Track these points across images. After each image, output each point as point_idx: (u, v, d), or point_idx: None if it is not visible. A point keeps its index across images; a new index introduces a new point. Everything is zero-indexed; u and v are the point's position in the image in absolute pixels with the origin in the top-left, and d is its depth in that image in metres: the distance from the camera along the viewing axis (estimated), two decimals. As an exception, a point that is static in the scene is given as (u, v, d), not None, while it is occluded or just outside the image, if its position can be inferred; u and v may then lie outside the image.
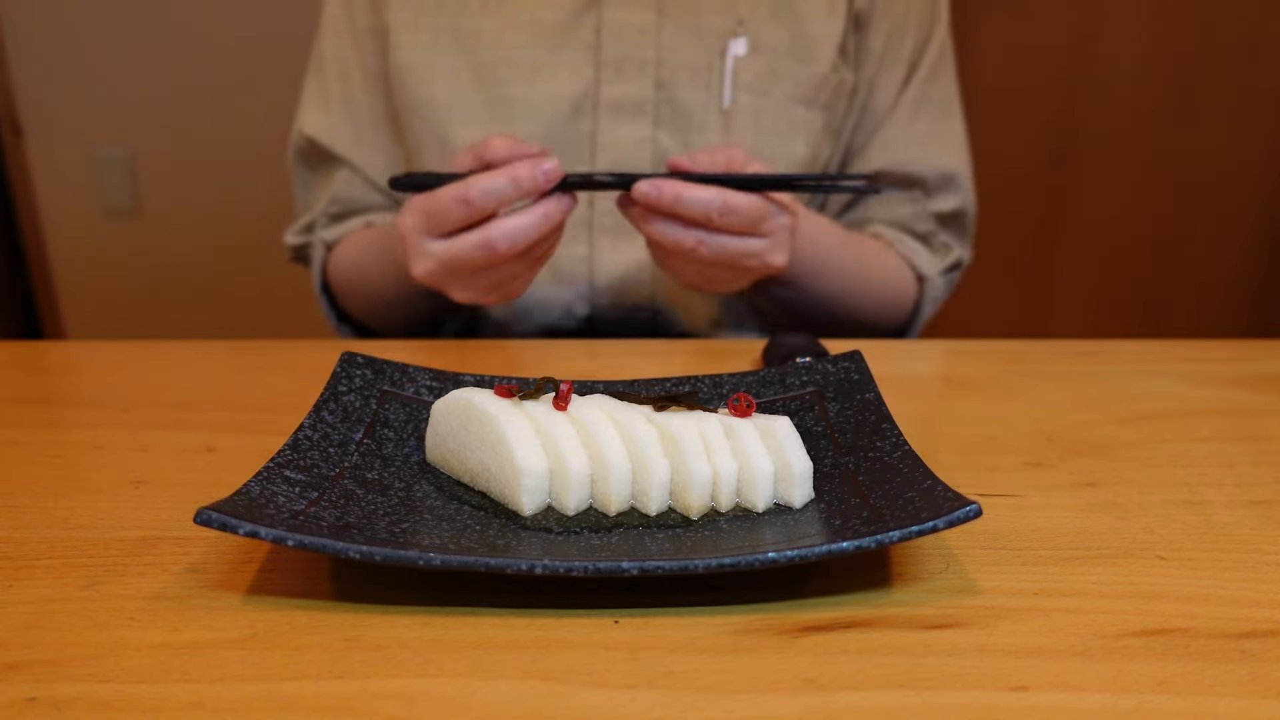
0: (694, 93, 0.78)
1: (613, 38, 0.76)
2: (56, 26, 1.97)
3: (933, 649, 0.33)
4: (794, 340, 0.60)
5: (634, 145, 0.78)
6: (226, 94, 1.99)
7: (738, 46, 0.77)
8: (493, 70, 0.77)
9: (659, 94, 0.77)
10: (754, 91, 0.78)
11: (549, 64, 0.77)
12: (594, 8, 0.77)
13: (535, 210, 0.59)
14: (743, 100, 0.78)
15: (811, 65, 0.78)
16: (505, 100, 0.77)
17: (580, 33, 0.77)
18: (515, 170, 0.58)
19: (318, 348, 0.64)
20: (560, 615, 0.35)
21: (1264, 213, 1.99)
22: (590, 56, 0.77)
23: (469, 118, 0.78)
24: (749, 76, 0.78)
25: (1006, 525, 0.42)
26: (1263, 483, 0.46)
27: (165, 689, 0.31)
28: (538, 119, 0.77)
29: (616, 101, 0.77)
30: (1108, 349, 0.66)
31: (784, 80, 0.78)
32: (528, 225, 0.59)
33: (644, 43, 0.77)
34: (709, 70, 0.77)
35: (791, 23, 0.78)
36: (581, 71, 0.77)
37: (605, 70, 0.77)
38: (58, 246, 2.12)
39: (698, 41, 0.77)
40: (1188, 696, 0.31)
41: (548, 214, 0.59)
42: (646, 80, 0.77)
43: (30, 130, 2.04)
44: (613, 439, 0.41)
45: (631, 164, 0.78)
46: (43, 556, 0.39)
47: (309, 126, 0.85)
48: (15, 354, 0.65)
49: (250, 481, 0.38)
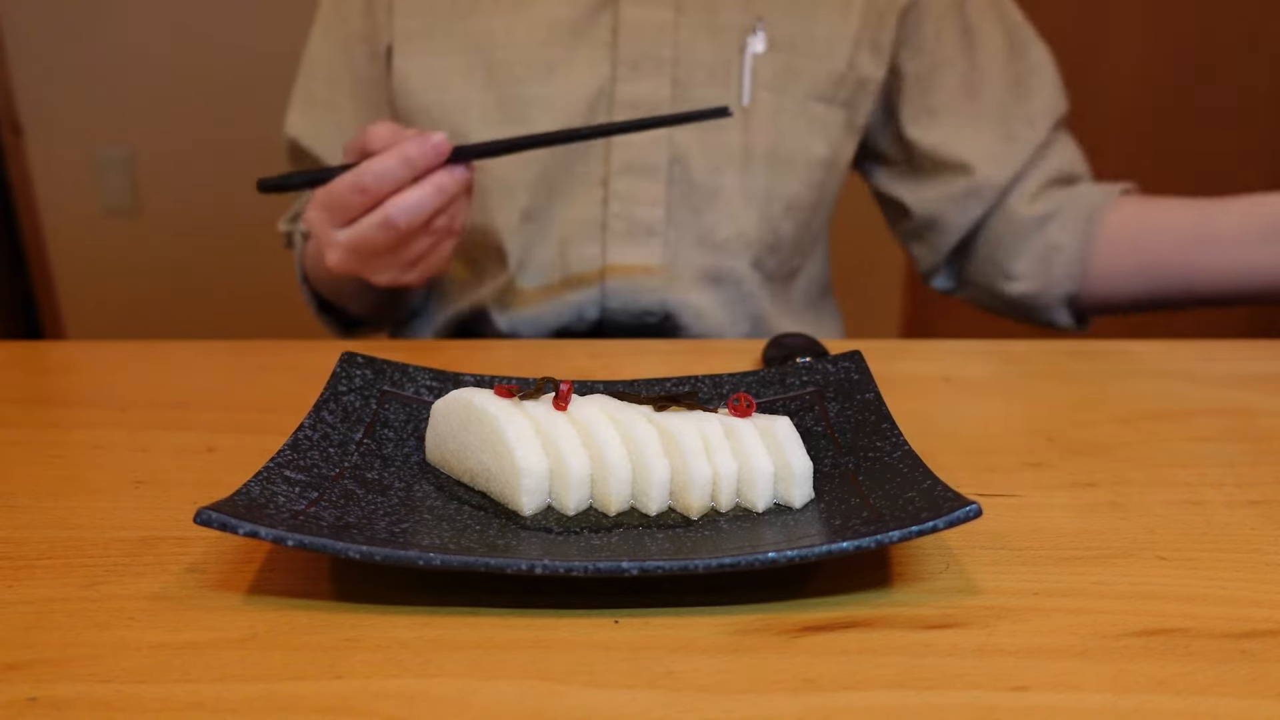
0: (711, 90, 0.77)
1: (630, 35, 0.76)
2: (56, 26, 1.97)
3: (933, 649, 0.33)
4: (794, 340, 0.60)
5: (650, 144, 0.77)
6: (227, 94, 1.99)
7: (756, 43, 0.77)
8: (507, 70, 0.77)
9: (676, 92, 0.77)
10: (773, 89, 0.77)
11: (565, 62, 0.76)
12: (611, 5, 0.76)
13: (429, 182, 0.60)
14: (761, 98, 0.77)
15: (829, 62, 0.78)
16: (520, 100, 0.77)
17: (596, 30, 0.76)
18: (404, 149, 0.59)
19: (318, 348, 0.64)
20: (560, 615, 0.35)
21: (1264, 213, 1.99)
22: (606, 54, 0.76)
23: (483, 118, 0.77)
24: (767, 74, 0.77)
25: (1006, 525, 0.42)
26: (1263, 483, 0.46)
27: (165, 689, 0.31)
28: (553, 118, 0.77)
29: (633, 100, 0.77)
30: (1108, 349, 0.65)
31: (802, 77, 0.78)
32: (423, 198, 0.60)
33: (661, 40, 0.76)
34: (727, 68, 0.77)
35: (808, 18, 0.78)
36: (598, 69, 0.76)
37: (621, 68, 0.76)
38: (58, 246, 2.12)
39: (715, 39, 0.77)
40: (1188, 696, 0.31)
41: (440, 185, 0.60)
42: (663, 79, 0.76)
43: (30, 130, 2.04)
44: (613, 439, 0.41)
45: (647, 163, 0.77)
46: (43, 556, 0.39)
47: (293, 128, 0.84)
48: (15, 354, 0.65)
49: (250, 481, 0.38)
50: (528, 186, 0.78)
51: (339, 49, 0.82)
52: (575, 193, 0.78)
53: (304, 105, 0.84)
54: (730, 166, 0.78)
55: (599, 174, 0.78)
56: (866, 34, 0.79)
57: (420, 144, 0.59)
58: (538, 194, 0.78)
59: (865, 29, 0.79)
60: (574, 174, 0.78)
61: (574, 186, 0.78)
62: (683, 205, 0.78)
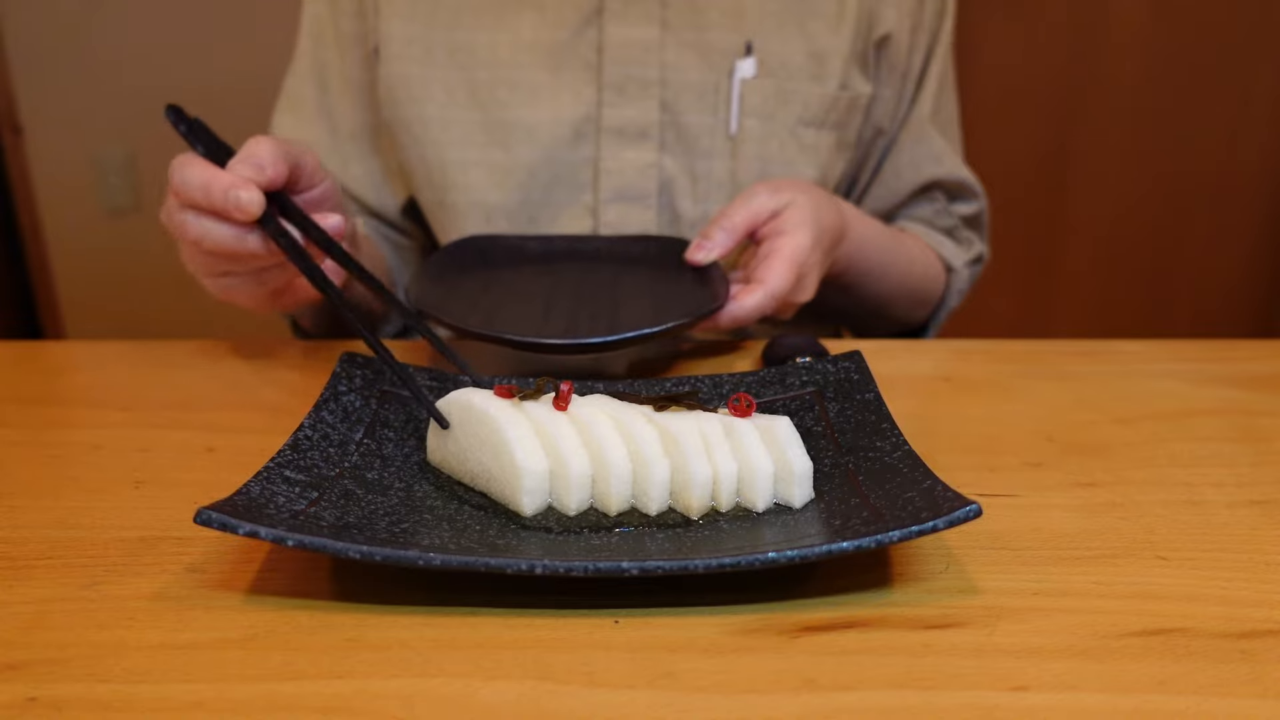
0: (700, 116, 0.76)
1: (615, 56, 0.74)
2: (56, 26, 1.97)
3: (933, 649, 0.33)
4: (794, 340, 0.60)
5: (638, 171, 0.76)
6: (227, 94, 1.99)
7: (745, 69, 0.75)
8: (490, 91, 0.75)
9: (664, 117, 0.76)
10: (761, 116, 0.76)
11: (549, 86, 0.75)
12: (595, 23, 0.75)
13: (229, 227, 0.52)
14: (750, 125, 0.76)
15: (821, 84, 0.76)
16: (504, 123, 0.75)
17: (581, 51, 0.75)
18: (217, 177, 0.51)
19: (318, 348, 0.64)
20: (560, 615, 0.35)
21: (1264, 213, 1.99)
22: (591, 77, 0.75)
23: (465, 140, 0.76)
24: (757, 100, 0.76)
25: (1006, 525, 0.42)
26: (1263, 483, 0.46)
27: (165, 689, 0.31)
28: (538, 144, 0.75)
29: (620, 126, 0.75)
30: (1108, 349, 0.65)
31: (793, 102, 0.76)
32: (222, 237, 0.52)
33: (647, 61, 0.75)
34: (715, 92, 0.76)
35: (799, 36, 0.76)
36: (583, 93, 0.75)
37: (607, 92, 0.75)
38: (58, 246, 2.12)
39: (703, 60, 0.75)
40: (1188, 696, 0.31)
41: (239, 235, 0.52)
42: (651, 102, 0.75)
43: (30, 130, 2.04)
44: (613, 439, 0.41)
45: (637, 190, 0.76)
46: (43, 556, 0.39)
47: (280, 131, 0.82)
48: (15, 354, 0.65)
49: (250, 481, 0.38)
50: (508, 213, 0.77)
51: (332, 52, 0.80)
52: (561, 221, 0.77)
53: (294, 108, 0.82)
54: (718, 194, 0.77)
55: (588, 202, 0.77)
56: (858, 49, 0.78)
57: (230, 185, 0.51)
58: (517, 220, 0.77)
59: (857, 43, 0.78)
60: (558, 202, 0.77)
61: (559, 214, 0.77)
62: (671, 233, 0.78)
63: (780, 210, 0.65)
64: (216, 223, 0.52)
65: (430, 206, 0.79)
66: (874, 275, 0.76)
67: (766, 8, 0.75)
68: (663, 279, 0.66)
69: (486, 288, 0.64)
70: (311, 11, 0.81)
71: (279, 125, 0.82)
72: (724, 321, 0.61)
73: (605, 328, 0.57)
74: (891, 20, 0.78)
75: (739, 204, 0.65)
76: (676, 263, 0.67)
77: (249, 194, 0.50)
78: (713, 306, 0.59)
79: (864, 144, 0.83)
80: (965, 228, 0.86)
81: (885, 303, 0.81)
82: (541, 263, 0.70)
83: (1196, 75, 1.88)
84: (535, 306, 0.61)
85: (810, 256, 0.64)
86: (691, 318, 0.58)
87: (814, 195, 0.67)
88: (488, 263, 0.69)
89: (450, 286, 0.64)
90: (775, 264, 0.62)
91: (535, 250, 0.71)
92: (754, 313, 0.61)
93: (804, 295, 0.65)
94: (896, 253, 0.78)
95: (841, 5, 0.76)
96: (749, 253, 0.67)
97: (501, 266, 0.69)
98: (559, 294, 0.64)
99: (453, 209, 0.77)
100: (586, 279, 0.67)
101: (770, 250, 0.63)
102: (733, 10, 0.75)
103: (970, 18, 1.76)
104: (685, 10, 0.75)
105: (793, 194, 0.65)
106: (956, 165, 0.84)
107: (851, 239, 0.71)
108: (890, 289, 0.79)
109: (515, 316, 0.60)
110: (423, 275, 0.64)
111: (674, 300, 0.62)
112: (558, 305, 0.61)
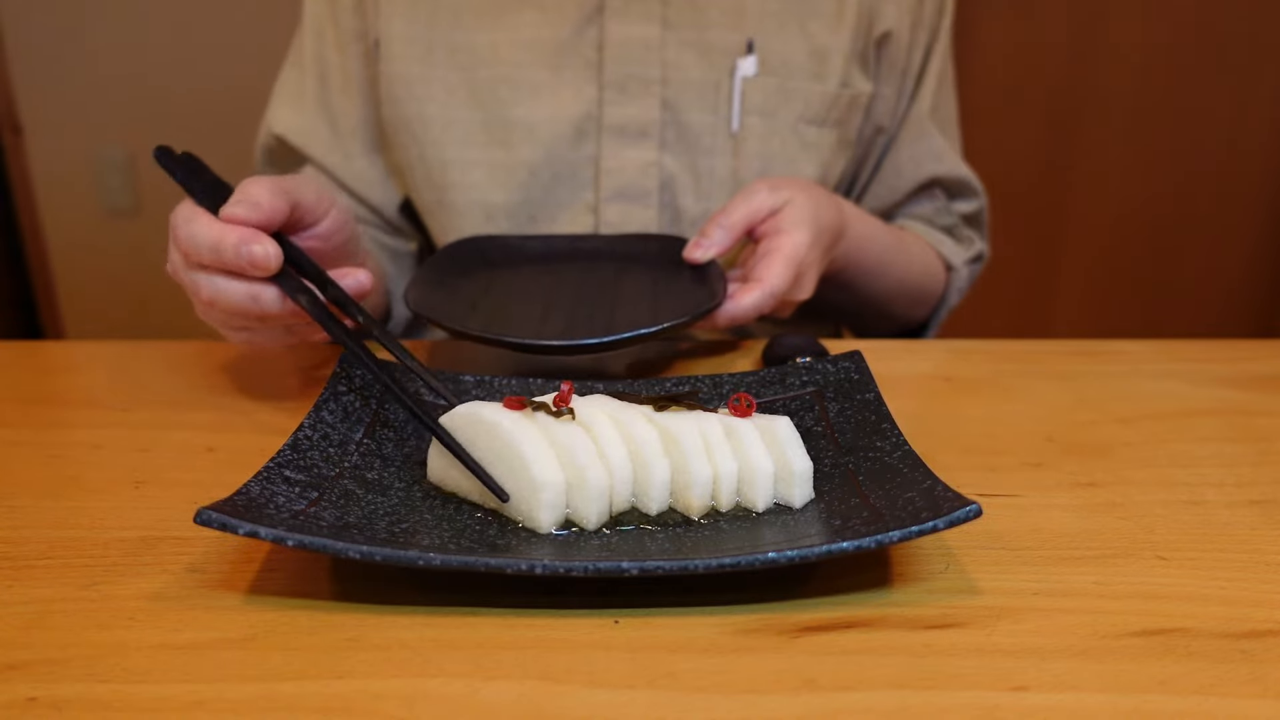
0: (701, 115, 0.76)
1: (616, 54, 0.74)
2: (56, 26, 1.97)
3: (933, 649, 0.33)
4: (794, 340, 0.60)
5: (640, 169, 0.76)
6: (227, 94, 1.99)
7: (746, 67, 0.75)
8: (491, 90, 0.75)
9: (665, 115, 0.76)
10: (763, 114, 0.76)
11: (550, 84, 0.75)
12: (596, 21, 0.75)
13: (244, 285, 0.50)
14: (751, 124, 0.76)
15: (822, 82, 0.76)
16: (504, 122, 0.75)
17: (581, 49, 0.75)
18: (225, 235, 0.49)
19: (318, 348, 0.64)
20: (560, 615, 0.35)
21: (1264, 213, 1.99)
22: (592, 75, 0.75)
23: (466, 139, 0.76)
24: (758, 98, 0.76)
25: (1006, 525, 0.42)
26: (1263, 483, 0.46)
27: (165, 689, 0.31)
28: (539, 143, 0.75)
29: (620, 124, 0.75)
30: (1108, 349, 0.65)
31: (794, 100, 0.76)
32: (234, 295, 0.50)
33: (648, 60, 0.75)
34: (716, 90, 0.76)
35: (800, 35, 0.76)
36: (583, 91, 0.75)
37: (608, 91, 0.75)
38: (58, 246, 2.12)
39: (704, 59, 0.75)
40: (1188, 696, 0.31)
41: (255, 295, 0.50)
42: (652, 101, 0.75)
43: (30, 130, 2.04)
44: (613, 439, 0.40)
45: (638, 188, 0.76)
46: (43, 556, 0.39)
47: (279, 125, 0.81)
48: (15, 354, 0.65)
49: (250, 481, 0.38)
50: (508, 212, 0.77)
51: (332, 48, 0.80)
52: (561, 220, 0.77)
53: (295, 102, 0.81)
54: (720, 192, 0.77)
55: (589, 201, 0.77)
56: (858, 47, 0.78)
57: (241, 240, 0.48)
58: (518, 219, 0.77)
59: (857, 41, 0.78)
60: (559, 200, 0.77)
61: (560, 213, 0.77)
62: (673, 232, 0.78)
63: (779, 208, 0.65)
64: (229, 280, 0.50)
65: (429, 206, 0.79)
66: (873, 273, 0.76)
67: (767, 6, 0.75)
68: (662, 278, 0.66)
69: (486, 289, 0.64)
70: (312, 9, 0.81)
71: (277, 117, 0.81)
72: (722, 320, 0.61)
73: (603, 328, 0.57)
74: (892, 18, 0.78)
75: (738, 202, 0.65)
76: (675, 261, 0.67)
77: (263, 248, 0.48)
78: (711, 305, 0.59)
79: (864, 142, 0.83)
80: (965, 226, 0.87)
81: (885, 301, 0.80)
82: (541, 263, 0.70)
83: (1196, 75, 1.88)
84: (535, 307, 0.61)
85: (809, 255, 0.64)
86: (689, 317, 0.58)
87: (813, 193, 0.67)
88: (487, 263, 0.69)
89: (450, 289, 0.64)
90: (774, 262, 0.62)
91: (535, 250, 0.71)
92: (752, 311, 0.61)
93: (803, 294, 0.65)
94: (896, 251, 0.78)
95: (841, 3, 0.76)
96: (748, 251, 0.67)
97: (501, 267, 0.69)
98: (558, 294, 0.64)
99: (453, 208, 0.77)
100: (586, 279, 0.67)
101: (769, 249, 0.63)
102: (733, 9, 0.75)
103: (970, 15, 1.76)
104: (686, 9, 0.75)
105: (791, 192, 0.65)
106: (956, 163, 0.84)
107: (851, 237, 0.71)
108: (890, 287, 0.79)
109: (515, 317, 0.60)
110: (422, 277, 0.64)
111: (672, 299, 0.62)
112: (557, 305, 0.61)
